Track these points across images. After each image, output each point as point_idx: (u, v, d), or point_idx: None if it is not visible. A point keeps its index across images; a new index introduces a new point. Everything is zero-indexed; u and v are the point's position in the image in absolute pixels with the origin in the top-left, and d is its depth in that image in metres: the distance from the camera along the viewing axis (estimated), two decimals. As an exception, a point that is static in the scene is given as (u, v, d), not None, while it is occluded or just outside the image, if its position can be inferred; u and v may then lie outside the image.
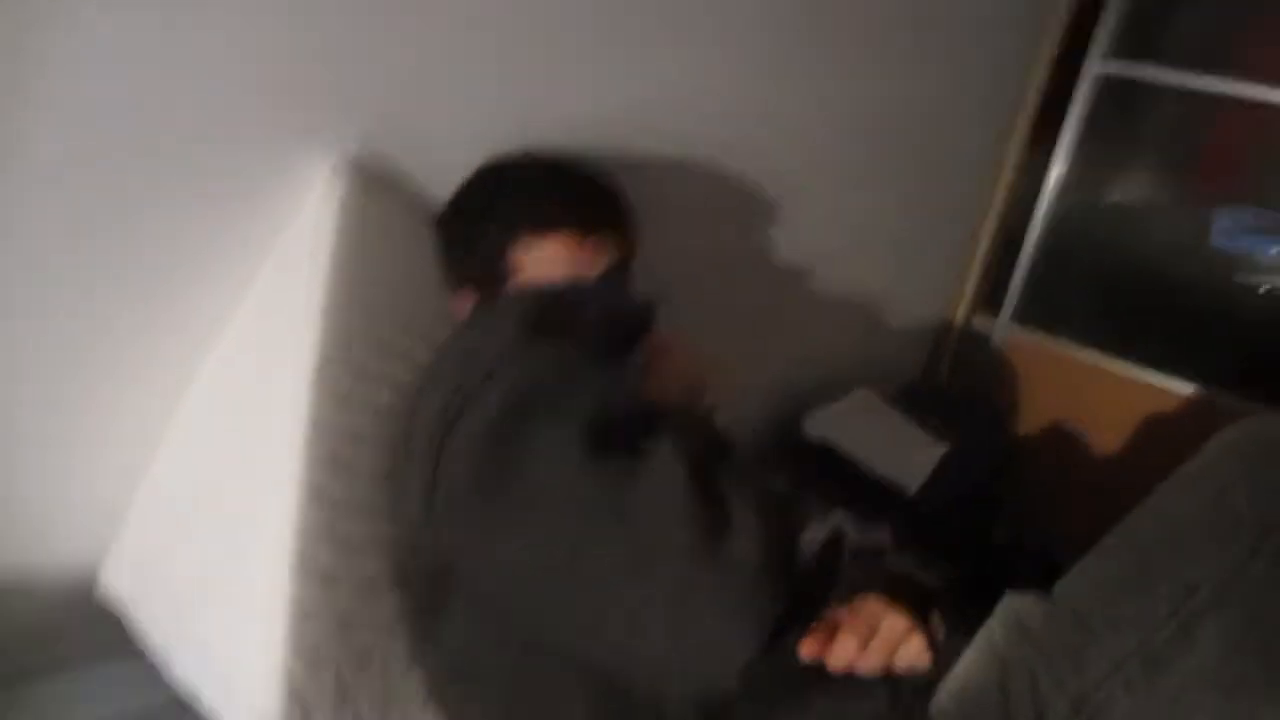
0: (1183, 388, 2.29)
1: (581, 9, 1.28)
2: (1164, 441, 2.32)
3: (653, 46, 1.43)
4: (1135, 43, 2.29)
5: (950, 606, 1.02)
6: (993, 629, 0.87)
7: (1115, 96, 2.34)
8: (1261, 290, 2.28)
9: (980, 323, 2.64)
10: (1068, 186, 2.44)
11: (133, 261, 1.00)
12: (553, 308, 1.01)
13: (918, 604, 0.95)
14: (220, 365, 1.07)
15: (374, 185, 1.09)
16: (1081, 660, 0.81)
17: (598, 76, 1.35)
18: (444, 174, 1.18)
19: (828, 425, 2.05)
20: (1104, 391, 2.42)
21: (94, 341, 1.01)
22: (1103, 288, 2.52)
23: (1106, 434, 2.41)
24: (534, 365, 0.89)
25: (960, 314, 2.65)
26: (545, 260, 1.09)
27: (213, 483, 1.03)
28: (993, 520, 2.22)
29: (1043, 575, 1.01)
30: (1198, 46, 2.28)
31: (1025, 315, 2.54)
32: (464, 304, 1.15)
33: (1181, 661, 0.78)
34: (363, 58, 1.07)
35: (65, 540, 1.08)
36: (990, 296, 2.62)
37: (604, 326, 1.03)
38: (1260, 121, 2.25)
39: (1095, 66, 2.32)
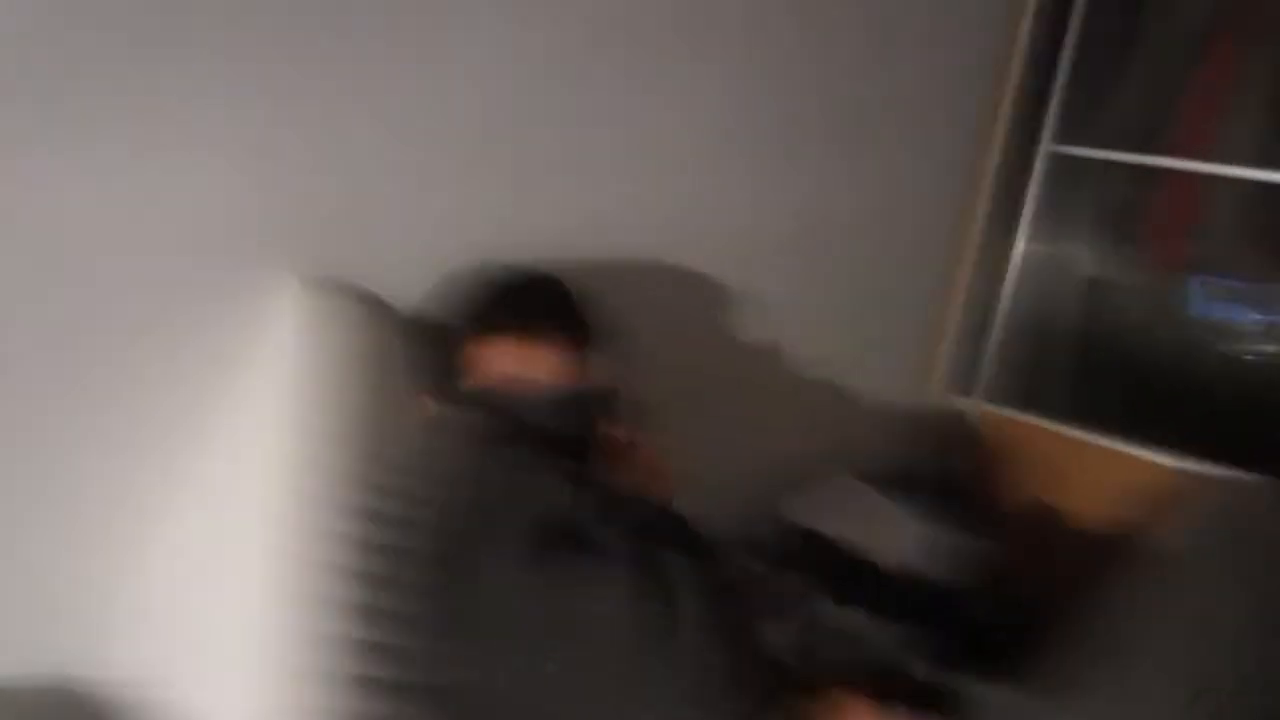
0: (1166, 459, 2.29)
1: (535, 134, 1.35)
2: (1149, 513, 2.30)
3: (609, 162, 1.49)
4: (1081, 125, 2.38)
5: (926, 693, 1.01)
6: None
7: (1069, 174, 2.42)
8: (1248, 357, 2.30)
9: (956, 403, 2.66)
10: (1033, 262, 2.50)
11: (99, 393, 1.02)
12: (495, 420, 1.05)
13: (892, 692, 0.94)
14: (198, 486, 1.07)
15: (340, 299, 1.13)
16: None
17: (554, 192, 1.42)
18: (409, 288, 1.23)
19: (807, 510, 2.04)
20: (1084, 466, 2.41)
21: (60, 471, 1.02)
22: (1077, 362, 2.55)
23: (1086, 508, 2.39)
24: (481, 477, 0.91)
25: (934, 395, 2.66)
26: (491, 361, 1.13)
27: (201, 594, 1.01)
28: (973, 600, 2.19)
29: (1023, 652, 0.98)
30: (1136, 127, 2.37)
31: (999, 393, 2.56)
32: (426, 407, 1.17)
33: None
34: (320, 181, 1.13)
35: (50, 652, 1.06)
36: (963, 376, 2.65)
37: (544, 431, 1.06)
38: (1200, 192, 2.33)
39: (1047, 147, 2.40)
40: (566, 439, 1.11)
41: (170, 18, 0.94)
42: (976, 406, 2.60)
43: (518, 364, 1.13)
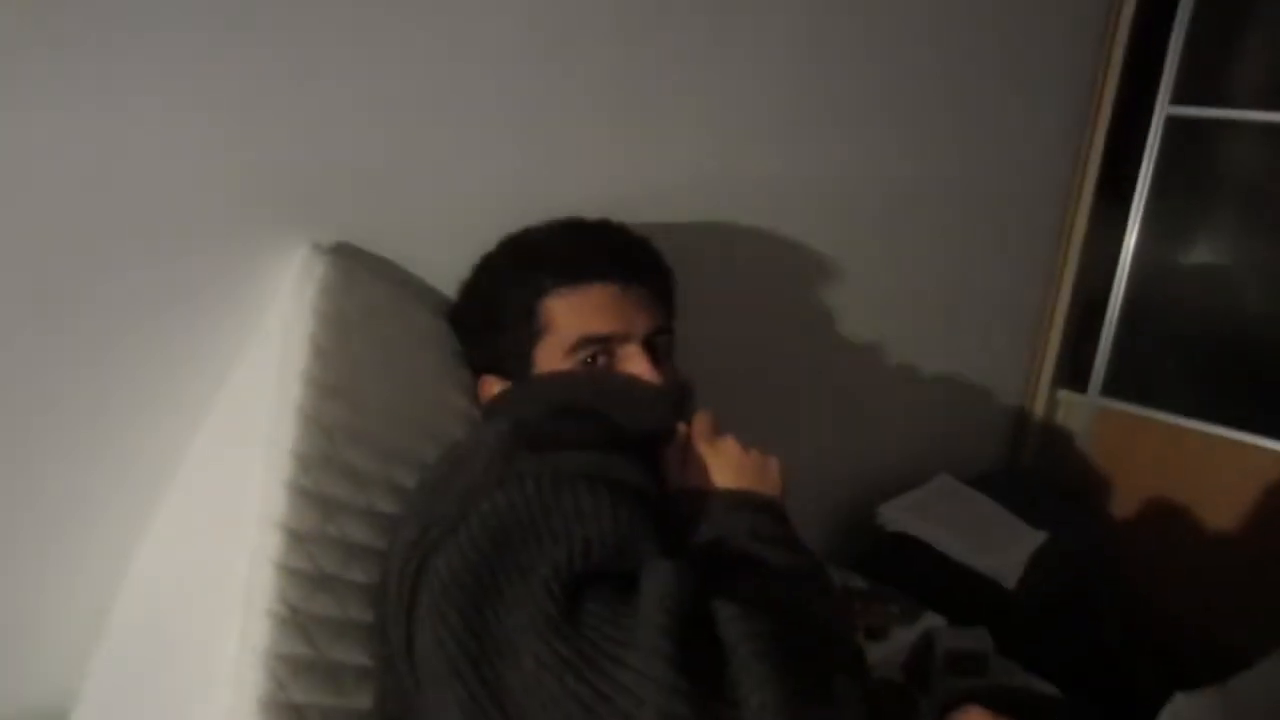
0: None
1: (585, 86, 1.20)
2: (1276, 507, 2.07)
3: (672, 125, 1.33)
4: (1201, 86, 2.14)
5: (1063, 713, 0.81)
6: None
7: (1188, 142, 2.18)
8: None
9: (1065, 398, 2.43)
10: (1146, 247, 2.26)
11: (104, 362, 0.89)
12: (546, 416, 0.88)
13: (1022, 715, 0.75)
14: (193, 474, 0.94)
15: (358, 267, 0.97)
16: None
17: (600, 159, 1.25)
18: (431, 259, 1.08)
19: (907, 515, 1.84)
20: (1205, 459, 2.18)
21: (64, 449, 0.90)
22: (1195, 352, 2.31)
23: (1212, 505, 2.15)
24: (507, 499, 0.74)
25: (1042, 390, 2.44)
26: (583, 312, 0.96)
27: (181, 610, 0.88)
28: (1101, 615, 1.96)
29: (1166, 675, 0.80)
30: (1266, 84, 2.12)
31: (1113, 387, 2.33)
32: (488, 392, 1.02)
33: None
34: (341, 143, 0.98)
35: (31, 678, 0.94)
36: (1074, 370, 2.42)
37: (612, 432, 0.89)
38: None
39: (1164, 109, 2.16)
40: (650, 437, 0.95)
41: None
42: (1089, 402, 2.37)
43: (616, 319, 0.96)
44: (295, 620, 0.79)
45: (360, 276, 0.97)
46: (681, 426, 0.95)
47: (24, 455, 0.88)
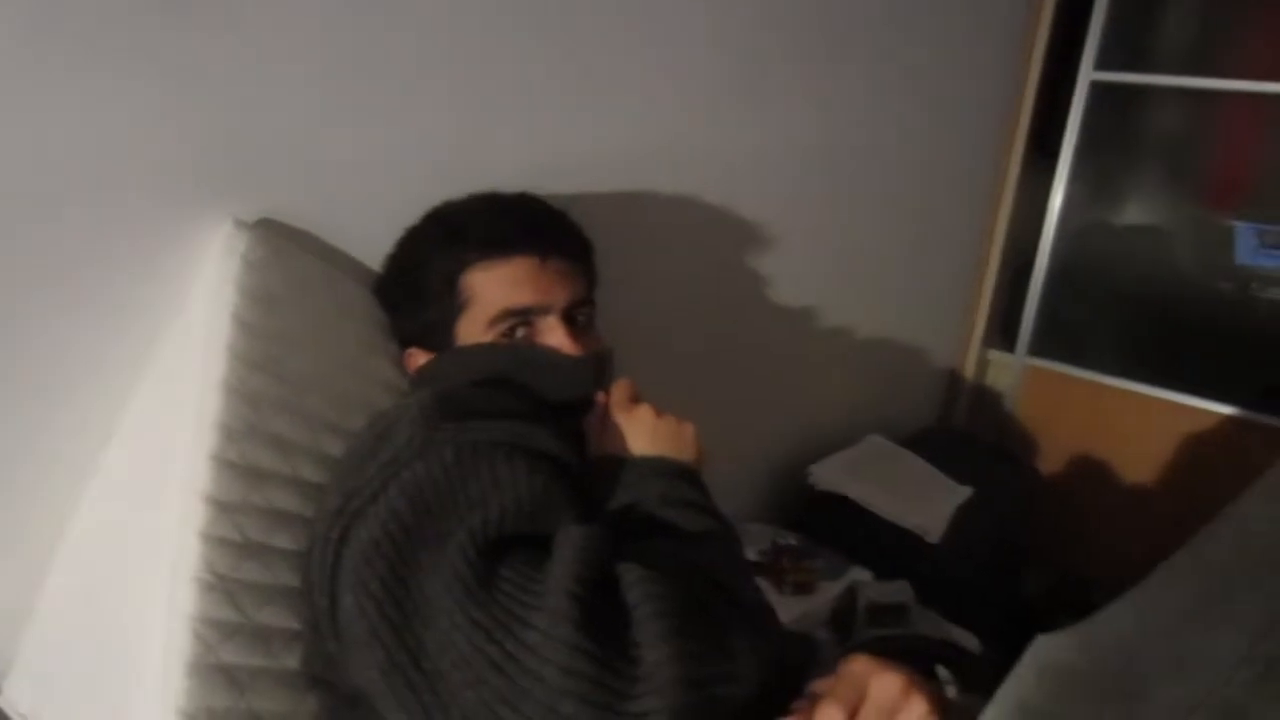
0: (1214, 408, 2.15)
1: (511, 57, 1.20)
2: (1200, 464, 2.17)
3: (599, 96, 1.34)
4: (1124, 52, 2.20)
5: (972, 661, 0.86)
6: (1021, 677, 0.71)
7: (1112, 106, 2.25)
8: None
9: (995, 358, 2.51)
10: (1073, 208, 2.33)
11: (24, 342, 0.90)
12: (467, 387, 0.90)
13: (929, 663, 0.80)
14: (122, 447, 0.96)
15: (281, 240, 0.99)
16: (1136, 712, 0.65)
17: (526, 130, 1.26)
18: (356, 231, 1.09)
19: (837, 475, 1.90)
20: (1131, 417, 2.28)
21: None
22: (1120, 312, 2.40)
23: (1137, 462, 2.25)
24: (427, 468, 0.77)
25: (973, 350, 2.51)
26: (503, 285, 0.98)
27: (112, 580, 0.90)
28: (1022, 568, 2.05)
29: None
30: (1187, 50, 2.19)
31: (1041, 347, 2.41)
32: (414, 363, 1.04)
33: (1269, 709, 0.62)
34: (264, 117, 0.98)
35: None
36: (1003, 330, 2.50)
37: (528, 401, 0.92)
38: (1262, 120, 2.15)
39: (1088, 75, 2.22)
40: (570, 407, 0.98)
41: None
42: (1018, 362, 2.45)
43: (535, 291, 0.98)
44: (222, 587, 0.82)
45: (285, 250, 0.98)
46: (600, 396, 0.99)
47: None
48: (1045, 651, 0.70)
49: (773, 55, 1.63)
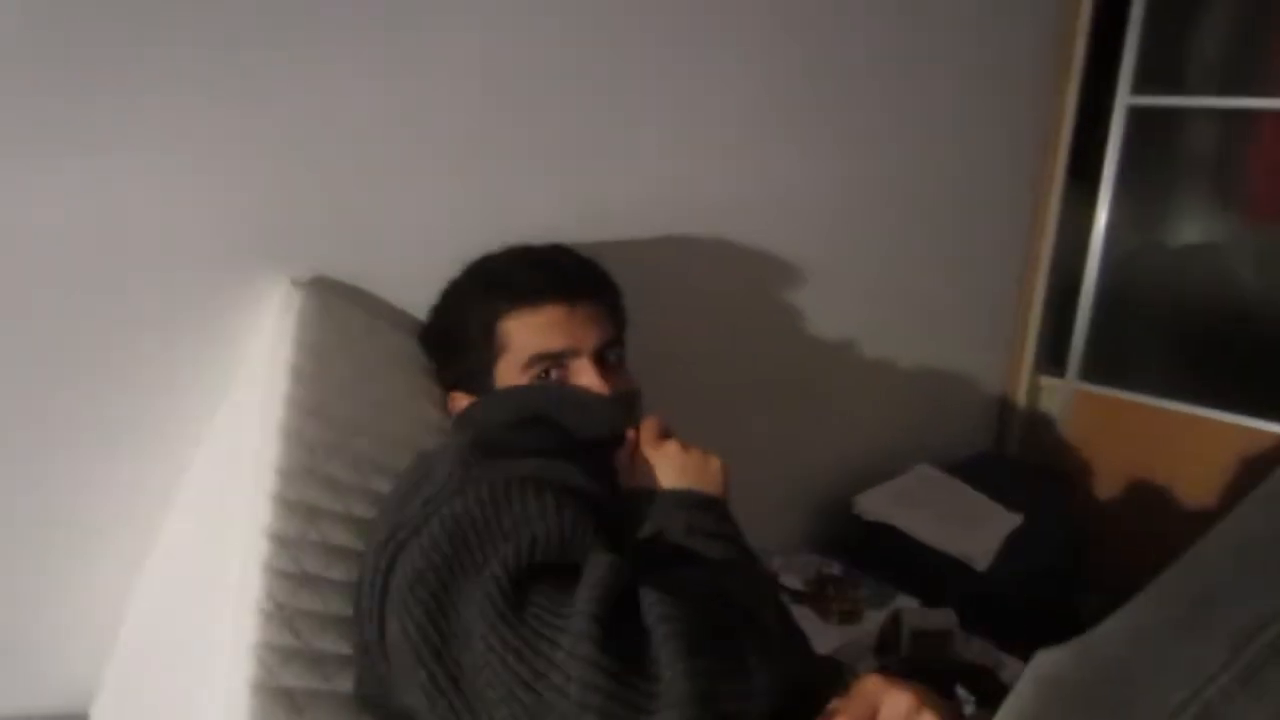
0: (1271, 428, 2.11)
1: (544, 118, 1.29)
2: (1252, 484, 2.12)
3: (632, 149, 1.42)
4: (1160, 75, 2.21)
5: (993, 681, 0.89)
6: (1020, 690, 0.74)
7: (1151, 129, 2.25)
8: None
9: (1046, 383, 2.50)
10: (1117, 230, 2.33)
11: (104, 396, 1.00)
12: (503, 427, 0.98)
13: (950, 683, 0.84)
14: (192, 489, 1.05)
15: (333, 297, 1.09)
16: (1126, 715, 0.68)
17: (560, 185, 1.35)
18: (402, 286, 1.18)
19: (883, 504, 1.92)
20: (1186, 440, 2.24)
21: (72, 479, 1.01)
22: (1172, 332, 2.37)
23: (1193, 485, 2.21)
24: (464, 503, 0.84)
25: (1023, 376, 2.51)
26: (535, 331, 1.06)
27: (183, 610, 0.99)
28: (1076, 596, 2.03)
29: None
30: (1222, 70, 2.19)
31: (1092, 371, 2.39)
32: (456, 406, 1.12)
33: (1247, 711, 0.65)
34: (314, 184, 1.08)
35: (53, 678, 1.05)
36: (1053, 355, 2.49)
37: (560, 439, 0.99)
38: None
39: (1124, 100, 2.23)
40: (600, 443, 1.05)
41: (148, 17, 0.92)
42: (1068, 387, 2.44)
43: (565, 336, 1.06)
44: (282, 615, 0.89)
45: (335, 305, 1.07)
46: (630, 432, 1.05)
47: (40, 481, 0.99)
48: (1042, 664, 0.74)
49: (805, 90, 1.70)
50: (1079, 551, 2.13)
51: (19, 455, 0.98)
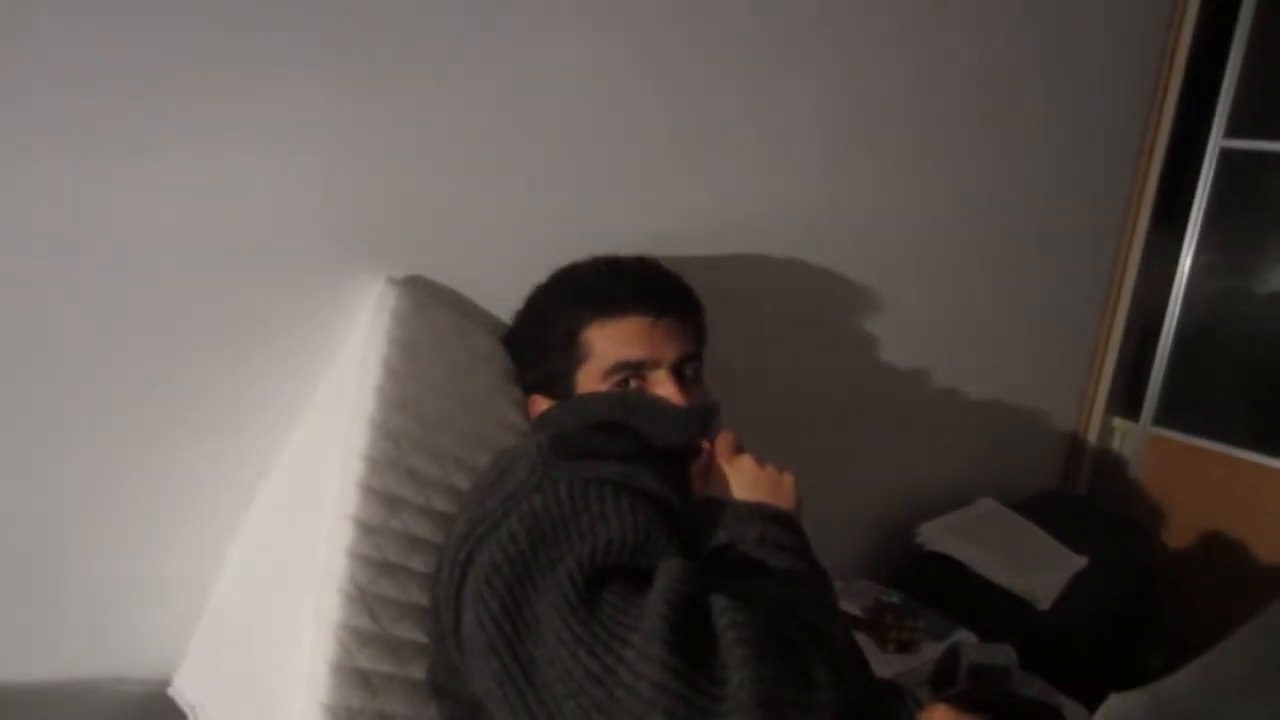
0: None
1: (633, 130, 1.32)
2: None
3: (718, 163, 1.45)
4: (1256, 118, 2.16)
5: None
6: None
7: (1242, 173, 2.21)
8: None
9: (1120, 425, 2.45)
10: (1201, 275, 2.28)
11: (211, 382, 1.06)
12: (582, 430, 1.01)
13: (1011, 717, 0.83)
14: (283, 473, 1.10)
15: (427, 297, 1.13)
16: None
17: (649, 196, 1.38)
18: (493, 288, 1.22)
19: (946, 535, 1.91)
20: (1263, 492, 2.18)
21: (174, 459, 1.06)
22: (1253, 382, 2.31)
23: (1269, 539, 2.15)
24: (544, 501, 0.87)
25: (1095, 417, 2.46)
26: (618, 341, 1.08)
27: (268, 589, 1.03)
28: (1144, 643, 1.98)
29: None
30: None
31: (1167, 415, 2.35)
32: (537, 409, 1.15)
33: None
34: (415, 186, 1.13)
35: (142, 645, 1.10)
36: (1128, 397, 2.45)
37: (637, 445, 1.01)
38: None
39: (1218, 142, 2.19)
40: (675, 452, 1.07)
41: (268, 17, 0.97)
42: (1142, 430, 2.39)
43: (647, 347, 1.08)
44: (362, 599, 0.93)
45: (428, 305, 1.11)
46: (705, 443, 1.06)
47: (150, 453, 1.04)
48: (1114, 710, 0.74)
49: (891, 115, 1.70)
50: (1146, 598, 2.09)
51: (131, 436, 1.03)
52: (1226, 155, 2.20)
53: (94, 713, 1.08)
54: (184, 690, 1.08)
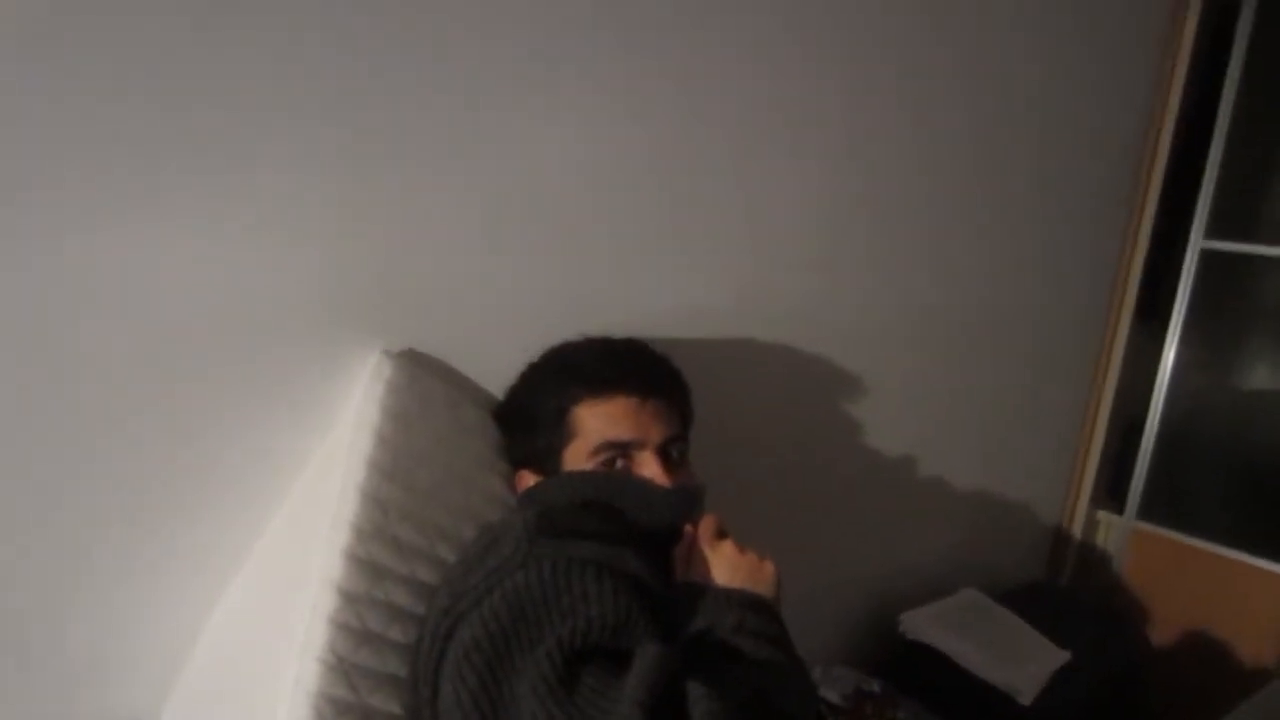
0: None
1: (626, 216, 1.37)
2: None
3: (707, 251, 1.49)
4: (1235, 220, 2.23)
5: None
6: None
7: (1223, 273, 2.27)
8: None
9: (1104, 519, 2.46)
10: (1184, 370, 2.33)
11: (200, 445, 1.07)
12: (567, 509, 1.02)
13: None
14: (272, 541, 1.10)
15: (420, 369, 1.15)
16: None
17: (652, 276, 1.42)
18: (485, 363, 1.24)
19: (928, 625, 1.90)
20: (1247, 590, 2.19)
21: (166, 524, 1.07)
22: (1236, 479, 2.34)
23: (1253, 638, 2.15)
24: (526, 579, 0.88)
25: (1080, 509, 2.48)
26: (606, 420, 1.10)
27: (248, 652, 1.03)
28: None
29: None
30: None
31: (1151, 510, 2.36)
32: (523, 483, 1.16)
33: None
34: (411, 261, 1.16)
35: (119, 702, 1.10)
36: (1112, 491, 2.46)
37: (621, 526, 1.02)
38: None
39: (1198, 243, 2.26)
40: (659, 534, 1.08)
41: (249, 92, 1.00)
42: (1125, 524, 2.40)
43: (634, 427, 1.10)
44: (341, 668, 0.93)
45: (421, 377, 1.13)
46: (689, 527, 1.08)
47: (142, 519, 1.05)
48: None
49: (883, 210, 1.75)
50: (1129, 693, 2.07)
51: (124, 499, 1.04)
52: (1207, 255, 2.26)
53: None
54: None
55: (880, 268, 1.79)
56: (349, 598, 0.96)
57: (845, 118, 1.63)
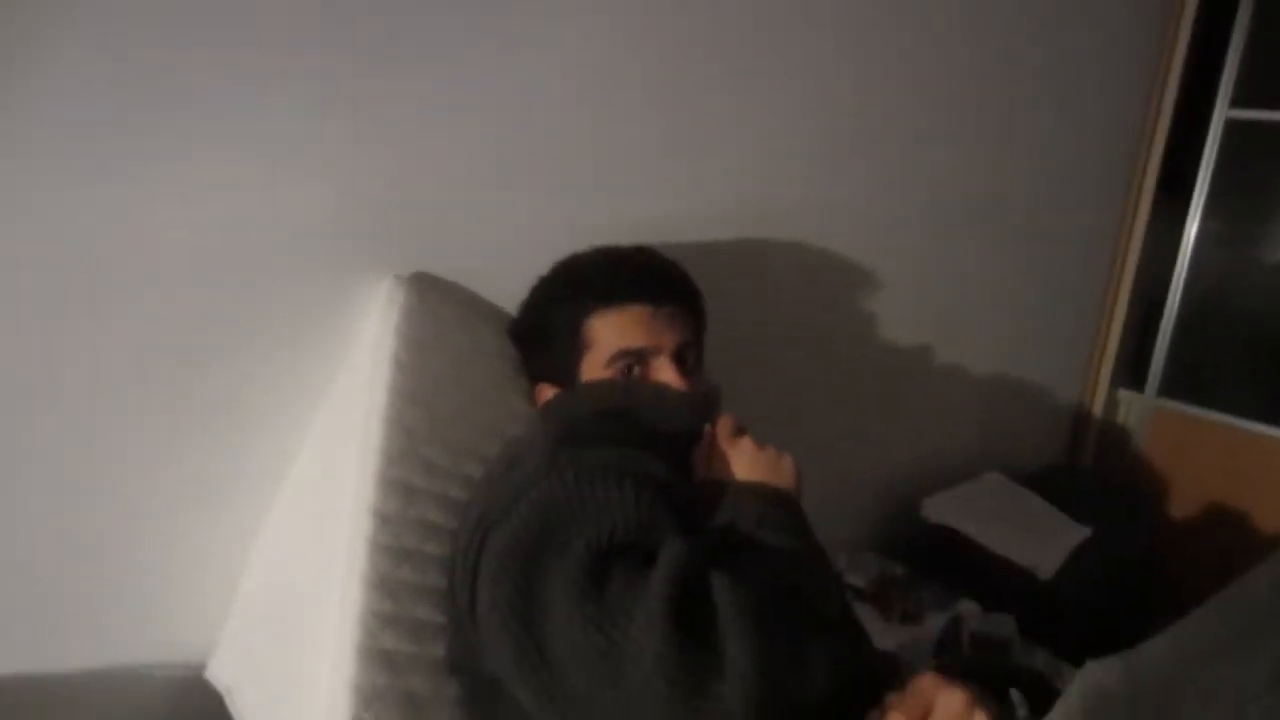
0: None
1: (630, 121, 1.36)
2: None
3: (715, 152, 1.48)
4: (1261, 88, 2.16)
5: (1047, 688, 0.93)
6: (1068, 700, 0.78)
7: (1248, 144, 2.21)
8: None
9: (1124, 397, 2.48)
10: (1207, 245, 2.29)
11: (226, 379, 1.11)
12: (587, 418, 1.05)
13: (1002, 685, 0.88)
14: (304, 467, 1.15)
15: (433, 292, 1.17)
16: None
17: (659, 181, 1.42)
18: (496, 281, 1.26)
19: (950, 509, 1.95)
20: (1268, 463, 2.20)
21: (201, 459, 1.12)
22: (1258, 353, 2.32)
23: (1271, 511, 2.18)
24: (551, 487, 0.91)
25: (1101, 389, 2.49)
26: (619, 330, 1.12)
27: (294, 577, 1.09)
28: (1144, 615, 2.02)
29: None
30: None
31: (1172, 387, 2.36)
32: (543, 397, 1.19)
33: None
34: (418, 186, 1.17)
35: (178, 633, 1.16)
36: (1133, 369, 2.46)
37: (640, 431, 1.05)
38: None
39: (1223, 113, 2.20)
40: (677, 436, 1.11)
41: (253, 30, 1.00)
42: (1146, 402, 2.41)
43: (647, 335, 1.11)
44: (383, 585, 0.98)
45: (433, 300, 1.15)
46: (707, 427, 1.11)
47: (179, 454, 1.10)
48: (1091, 676, 0.77)
49: (888, 98, 1.72)
50: (1148, 569, 2.12)
51: (160, 438, 1.08)
52: (1231, 125, 2.20)
53: (135, 697, 1.15)
54: (219, 674, 1.14)
55: (890, 155, 1.77)
56: (385, 519, 1.01)
57: (843, 16, 1.59)
